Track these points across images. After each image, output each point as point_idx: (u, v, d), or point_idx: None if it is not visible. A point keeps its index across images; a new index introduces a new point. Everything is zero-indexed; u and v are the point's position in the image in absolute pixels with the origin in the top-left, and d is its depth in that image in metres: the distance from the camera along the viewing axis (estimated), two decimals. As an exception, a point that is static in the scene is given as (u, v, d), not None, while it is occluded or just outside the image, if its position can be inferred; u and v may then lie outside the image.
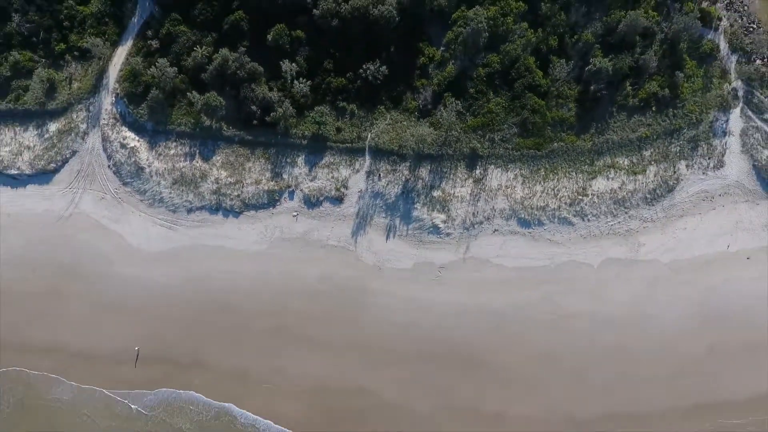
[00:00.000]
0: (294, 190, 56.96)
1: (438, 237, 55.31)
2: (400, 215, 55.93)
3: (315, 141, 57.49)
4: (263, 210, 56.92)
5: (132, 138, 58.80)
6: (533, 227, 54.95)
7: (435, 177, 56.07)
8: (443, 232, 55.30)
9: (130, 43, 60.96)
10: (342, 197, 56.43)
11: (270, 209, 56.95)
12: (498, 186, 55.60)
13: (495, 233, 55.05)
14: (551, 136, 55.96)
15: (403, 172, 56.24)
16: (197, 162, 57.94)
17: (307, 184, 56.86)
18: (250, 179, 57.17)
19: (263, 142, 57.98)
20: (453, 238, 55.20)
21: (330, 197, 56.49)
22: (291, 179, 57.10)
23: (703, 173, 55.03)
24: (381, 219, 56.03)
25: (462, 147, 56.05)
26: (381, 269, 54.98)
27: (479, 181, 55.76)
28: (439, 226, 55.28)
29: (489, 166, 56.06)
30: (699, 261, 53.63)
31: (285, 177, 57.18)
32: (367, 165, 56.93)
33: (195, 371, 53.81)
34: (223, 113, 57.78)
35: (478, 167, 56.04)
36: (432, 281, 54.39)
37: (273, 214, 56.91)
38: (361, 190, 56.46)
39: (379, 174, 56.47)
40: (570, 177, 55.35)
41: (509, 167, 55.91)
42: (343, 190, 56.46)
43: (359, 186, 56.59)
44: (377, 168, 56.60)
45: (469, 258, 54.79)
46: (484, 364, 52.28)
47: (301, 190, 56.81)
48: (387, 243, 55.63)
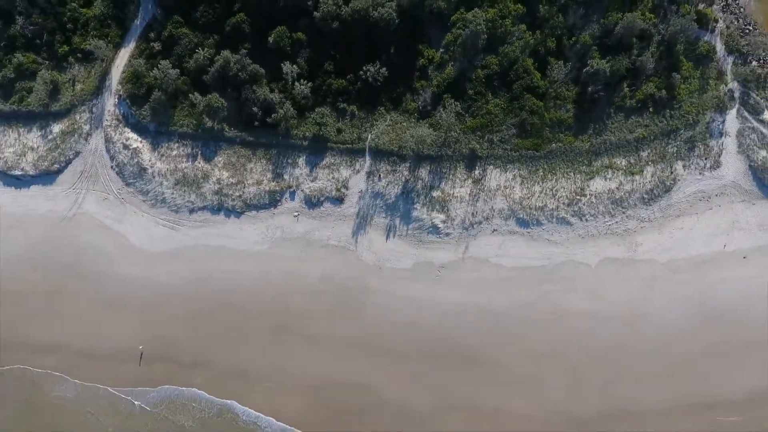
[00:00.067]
0: (295, 190, 57.06)
1: (437, 237, 55.42)
2: (400, 215, 56.02)
3: (316, 142, 57.63)
4: (264, 210, 57.03)
5: (135, 139, 58.99)
6: (532, 227, 55.01)
7: (434, 177, 56.16)
8: (443, 232, 55.41)
9: (132, 45, 61.18)
10: (342, 197, 56.58)
11: (271, 209, 57.05)
12: (497, 186, 55.69)
13: (494, 233, 55.12)
14: (549, 136, 56.03)
15: (403, 172, 56.34)
16: (199, 163, 58.11)
17: (308, 184, 56.98)
18: (251, 180, 57.30)
19: (264, 143, 58.12)
20: (452, 238, 55.29)
21: (331, 197, 56.63)
22: (292, 180, 57.21)
23: (700, 174, 55.12)
24: (381, 219, 56.12)
25: (461, 148, 56.15)
26: (381, 269, 55.07)
27: (478, 182, 55.84)
28: (439, 226, 55.38)
29: (488, 166, 56.14)
30: (696, 260, 53.67)
31: (286, 177, 57.31)
32: (368, 165, 57.04)
33: (197, 370, 53.97)
34: (225, 114, 57.98)
35: (477, 168, 56.14)
36: (431, 281, 54.41)
37: (274, 214, 56.99)
38: (362, 190, 56.56)
39: (379, 174, 56.58)
40: (568, 177, 55.42)
41: (508, 168, 55.98)
42: (344, 190, 56.58)
43: (359, 186, 56.72)
44: (377, 168, 56.71)
45: (469, 258, 54.86)
46: (483, 362, 52.35)
47: (302, 190, 56.91)
48: (387, 243, 55.73)
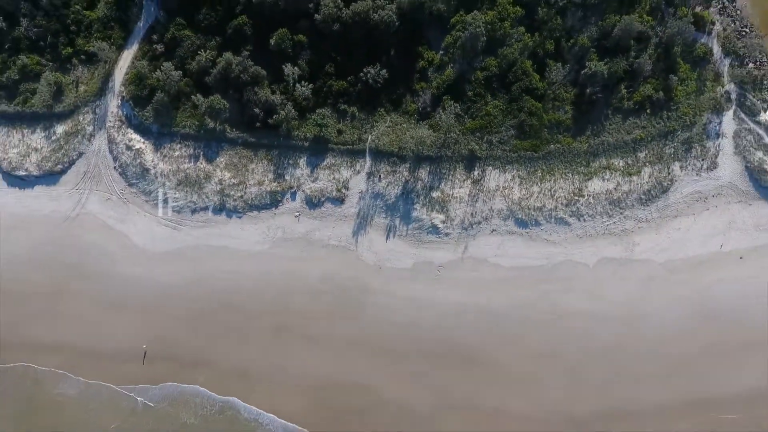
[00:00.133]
0: (296, 190, 57.26)
1: (437, 237, 55.61)
2: (399, 215, 56.20)
3: (316, 143, 57.84)
4: (266, 210, 57.22)
5: (137, 140, 59.24)
6: (530, 227, 55.17)
7: (434, 178, 56.34)
8: (442, 232, 55.60)
9: (135, 47, 61.31)
10: (343, 198, 56.81)
11: (272, 210, 57.23)
12: (496, 187, 55.87)
13: (493, 233, 55.30)
14: (548, 138, 56.13)
15: (403, 173, 56.52)
16: (201, 163, 58.35)
17: (309, 185, 57.20)
18: (253, 180, 57.51)
19: (266, 143, 58.27)
20: (452, 238, 55.46)
21: (331, 198, 56.86)
22: (293, 180, 57.40)
23: (697, 174, 55.22)
24: (381, 219, 56.31)
25: (460, 149, 56.33)
26: (381, 269, 55.21)
27: (477, 182, 56.02)
28: (438, 226, 55.56)
29: (487, 167, 56.30)
30: (693, 261, 53.68)
31: (287, 178, 57.52)
32: (368, 166, 57.21)
33: (199, 369, 54.05)
34: (227, 116, 58.20)
35: (476, 168, 56.33)
36: (431, 280, 54.49)
37: (275, 214, 57.15)
38: (362, 190, 56.76)
39: (380, 175, 56.76)
40: (566, 178, 55.58)
41: (507, 168, 56.15)
42: (344, 190, 56.78)
43: (360, 187, 56.91)
44: (377, 169, 56.88)
45: (468, 257, 54.98)
46: (483, 362, 52.38)
47: (303, 191, 57.12)
48: (387, 243, 55.89)
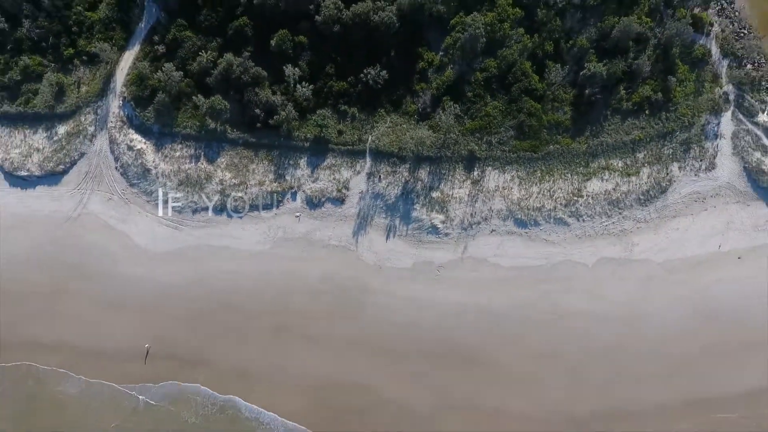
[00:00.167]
0: (296, 191, 57.37)
1: (437, 237, 55.77)
2: (399, 216, 56.32)
3: (317, 143, 57.98)
4: (267, 210, 57.26)
5: (139, 140, 59.34)
6: (529, 227, 55.33)
7: (434, 178, 56.49)
8: (442, 232, 55.75)
9: (137, 48, 61.42)
10: (343, 198, 56.94)
11: (273, 210, 57.25)
12: (495, 187, 56.04)
13: (492, 233, 55.45)
14: (547, 138, 56.27)
15: (403, 173, 56.67)
16: (202, 164, 58.47)
17: (310, 185, 57.34)
18: (253, 180, 57.62)
19: (266, 144, 58.36)
20: (451, 238, 55.60)
21: (332, 198, 56.98)
22: (294, 180, 57.51)
23: (695, 175, 55.42)
24: (381, 219, 56.45)
25: (460, 149, 56.48)
26: (381, 268, 55.31)
27: (477, 183, 56.19)
28: (438, 226, 55.71)
29: (486, 167, 56.46)
30: (691, 261, 53.85)
31: (288, 178, 57.64)
32: (368, 167, 57.32)
33: (200, 369, 54.13)
34: (228, 116, 58.32)
35: (475, 169, 56.50)
36: (431, 280, 54.60)
37: (276, 214, 57.21)
38: (362, 191, 56.90)
39: (380, 175, 56.90)
40: (565, 178, 55.74)
41: (506, 169, 56.31)
42: (345, 191, 56.91)
43: (360, 187, 57.05)
44: (378, 170, 57.00)
45: (467, 257, 55.10)
46: (483, 362, 52.48)
47: (304, 191, 57.25)
48: (387, 243, 56.02)
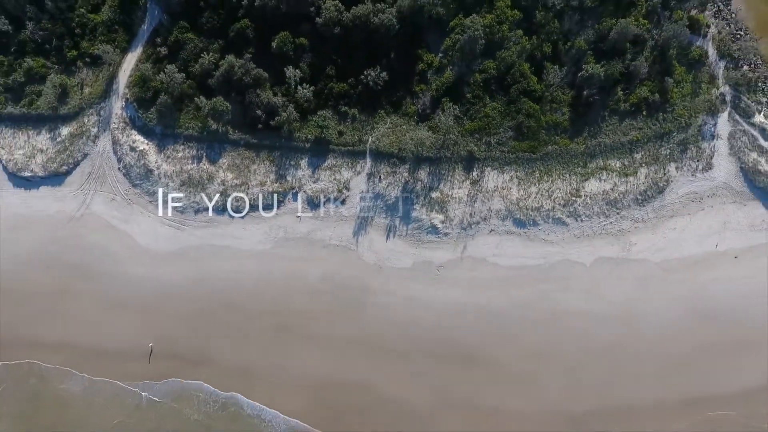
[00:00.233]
0: (297, 191, 57.55)
1: (436, 237, 56.01)
2: (399, 216, 56.55)
3: (318, 144, 58.23)
4: (268, 211, 57.45)
5: (141, 141, 59.61)
6: (528, 227, 55.58)
7: (433, 179, 56.74)
8: (441, 232, 56.00)
9: (139, 50, 61.71)
10: (344, 198, 57.16)
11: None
12: (494, 187, 56.28)
13: (491, 233, 55.70)
14: (545, 139, 56.50)
15: (403, 174, 56.92)
16: (204, 164, 58.74)
17: (310, 185, 57.58)
18: (255, 181, 57.86)
19: (268, 145, 58.61)
20: (451, 237, 55.82)
21: (332, 198, 57.21)
22: (294, 181, 57.73)
23: (692, 175, 55.67)
24: (381, 219, 56.69)
25: (459, 150, 56.75)
26: (381, 268, 55.53)
27: (476, 183, 56.45)
28: (438, 226, 55.97)
29: (485, 168, 56.73)
30: (688, 260, 54.07)
31: (289, 179, 57.87)
32: (368, 167, 57.56)
33: (201, 367, 54.39)
34: (229, 117, 58.60)
35: (475, 169, 56.78)
36: (431, 280, 54.84)
37: (277, 214, 57.40)
38: (363, 191, 57.10)
39: (380, 176, 57.17)
40: (564, 179, 56.01)
41: (505, 169, 56.57)
42: (345, 191, 57.12)
43: (360, 187, 57.24)
44: (378, 170, 57.26)
45: (467, 257, 55.34)
46: (482, 361, 52.71)
47: (305, 191, 57.45)
48: (387, 243, 56.24)
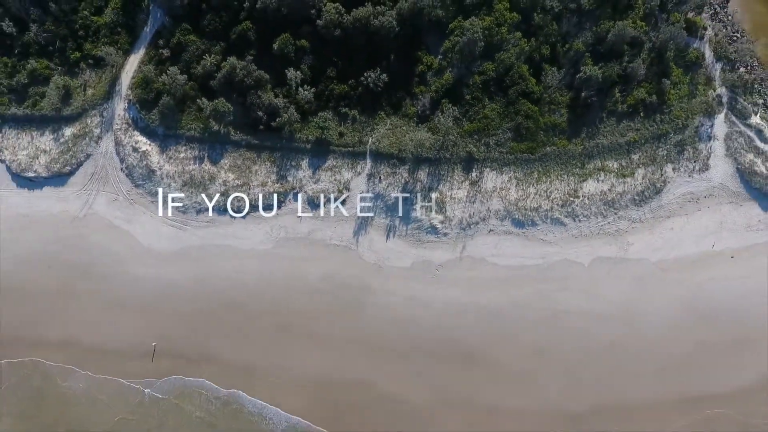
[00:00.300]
0: (298, 191, 57.77)
1: (436, 237, 56.27)
2: (399, 216, 56.75)
3: (318, 145, 58.46)
4: (269, 211, 57.64)
5: (144, 142, 59.81)
6: (527, 227, 55.87)
7: (433, 179, 57.02)
8: (441, 232, 56.28)
9: (142, 52, 61.87)
10: (344, 199, 57.39)
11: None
12: (493, 188, 56.59)
13: (490, 233, 56.00)
14: (544, 140, 56.76)
15: (403, 174, 57.20)
16: (206, 165, 58.96)
17: (311, 186, 57.81)
18: (256, 182, 58.05)
19: (269, 146, 58.76)
20: (450, 237, 56.06)
21: (333, 199, 57.33)
22: (295, 181, 57.93)
23: (689, 176, 56.02)
24: (381, 219, 56.92)
25: (459, 151, 57.01)
26: (381, 268, 55.71)
27: (475, 184, 56.75)
28: (437, 226, 56.25)
29: (484, 169, 57.02)
30: (685, 260, 54.39)
31: (290, 179, 58.08)
32: (368, 168, 57.81)
33: (203, 366, 54.39)
34: (231, 119, 58.80)
35: (474, 170, 57.10)
36: (430, 279, 55.11)
37: (278, 215, 57.55)
38: (363, 191, 57.25)
39: (380, 176, 57.45)
40: (562, 179, 56.34)
41: (504, 170, 56.87)
42: (345, 192, 57.34)
43: (361, 188, 57.45)
44: (378, 171, 57.53)
45: (466, 257, 55.58)
46: (482, 360, 52.78)
47: (305, 191, 57.68)
48: (387, 242, 56.44)
